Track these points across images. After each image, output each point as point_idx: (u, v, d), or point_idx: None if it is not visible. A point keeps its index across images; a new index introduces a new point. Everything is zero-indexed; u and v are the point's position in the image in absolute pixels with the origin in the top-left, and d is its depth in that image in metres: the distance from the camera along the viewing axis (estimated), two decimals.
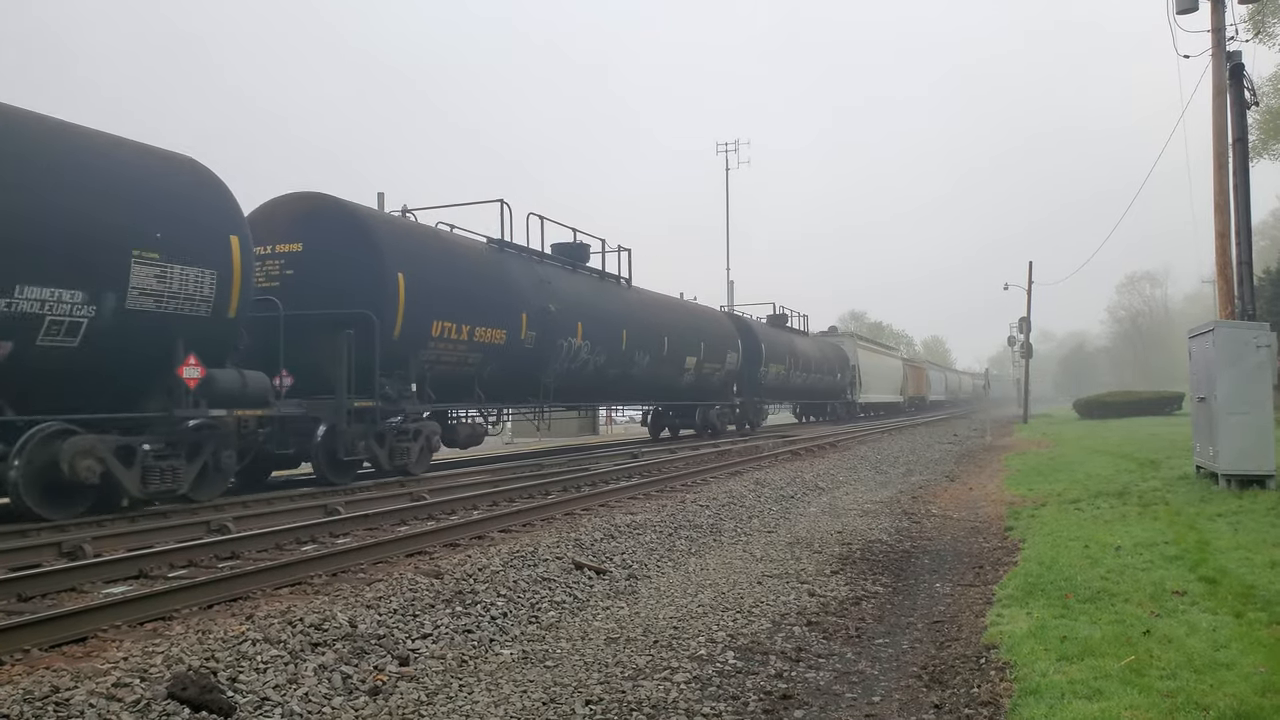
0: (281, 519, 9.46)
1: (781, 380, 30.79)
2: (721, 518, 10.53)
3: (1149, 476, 13.48)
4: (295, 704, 4.31)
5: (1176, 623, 5.38)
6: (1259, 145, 29.95)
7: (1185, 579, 6.50)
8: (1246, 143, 15.91)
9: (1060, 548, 8.05)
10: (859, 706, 4.57)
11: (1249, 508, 9.48)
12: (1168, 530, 8.57)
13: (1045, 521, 9.83)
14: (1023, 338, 47.37)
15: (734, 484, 13.43)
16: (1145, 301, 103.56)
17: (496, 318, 15.08)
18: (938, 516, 11.30)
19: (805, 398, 37.08)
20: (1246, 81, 15.30)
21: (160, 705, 4.03)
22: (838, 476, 15.75)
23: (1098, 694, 4.22)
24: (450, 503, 10.72)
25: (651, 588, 7.16)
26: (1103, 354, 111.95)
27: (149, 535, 8.30)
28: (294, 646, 4.96)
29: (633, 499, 11.68)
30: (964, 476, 16.74)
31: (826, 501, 12.64)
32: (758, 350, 28.27)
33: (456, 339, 14.07)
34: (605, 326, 18.75)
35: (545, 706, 4.43)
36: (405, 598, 6.05)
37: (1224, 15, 14.73)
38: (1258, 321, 13.15)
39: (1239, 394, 10.81)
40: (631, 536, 8.90)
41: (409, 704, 4.45)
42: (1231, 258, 14.70)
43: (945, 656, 5.36)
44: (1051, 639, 5.16)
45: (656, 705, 4.47)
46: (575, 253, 19.14)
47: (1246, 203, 14.96)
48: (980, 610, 6.35)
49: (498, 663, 5.20)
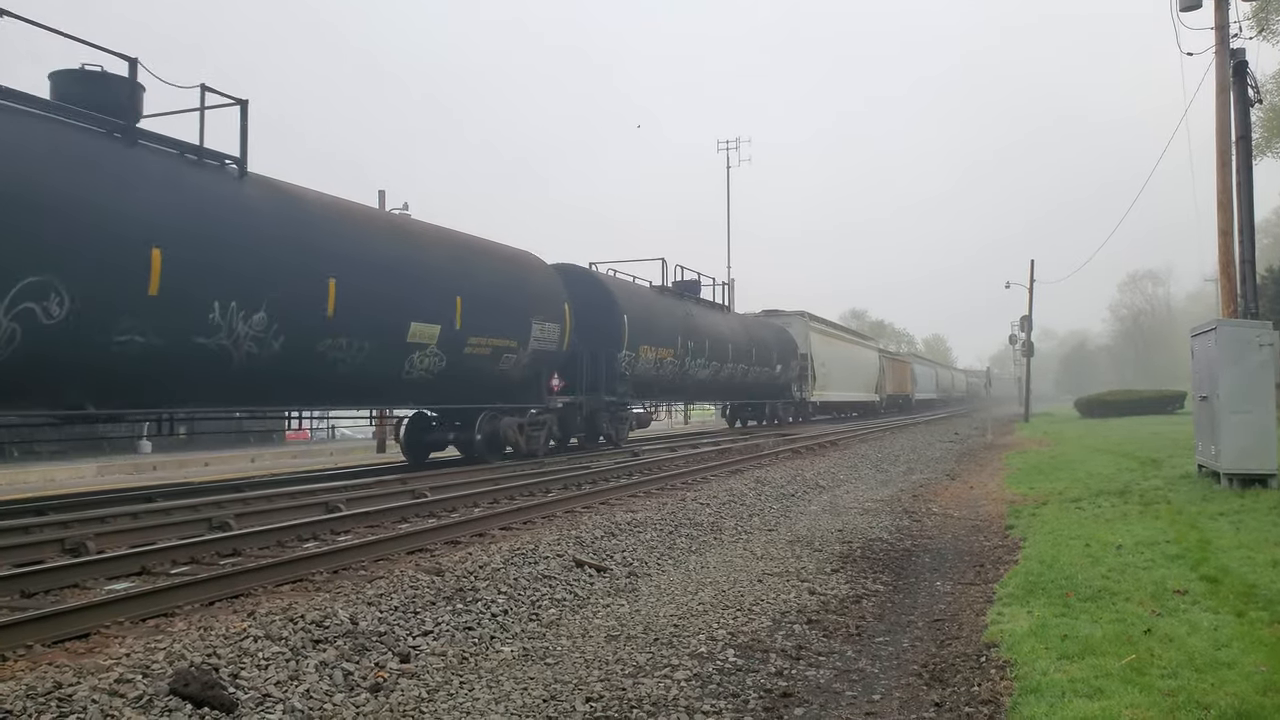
0: (282, 516, 9.47)
1: (672, 371, 21.73)
2: (722, 516, 10.54)
3: (1150, 475, 13.47)
4: (297, 700, 4.32)
5: (1178, 622, 5.38)
6: (1262, 143, 29.89)
7: (1186, 578, 6.50)
8: (1250, 140, 15.87)
9: (1061, 546, 8.05)
10: (859, 704, 4.57)
11: (1251, 507, 9.48)
12: (1169, 529, 8.57)
13: (1046, 520, 9.82)
14: (1024, 336, 47.35)
15: (734, 482, 13.44)
16: (1147, 300, 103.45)
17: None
18: (938, 515, 11.30)
19: (725, 395, 28.28)
20: (1250, 79, 15.26)
21: (162, 701, 4.04)
22: (838, 475, 15.75)
23: (1098, 693, 4.23)
24: (451, 500, 10.73)
25: (652, 585, 7.16)
26: (1104, 352, 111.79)
27: (151, 532, 8.32)
28: (295, 643, 4.97)
29: (633, 497, 11.69)
30: (965, 475, 16.74)
31: (827, 500, 12.64)
32: (613, 324, 19.01)
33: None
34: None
35: (546, 703, 4.44)
36: (406, 595, 6.06)
37: (1227, 13, 14.69)
38: (1260, 320, 13.12)
39: (1241, 393, 10.80)
40: (632, 534, 8.91)
41: (410, 701, 4.46)
42: (1234, 256, 14.67)
43: (946, 655, 5.36)
44: (1052, 637, 5.16)
45: (657, 703, 4.47)
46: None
47: (1250, 201, 14.92)
48: (981, 609, 6.35)
49: (498, 660, 5.21)
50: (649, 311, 20.79)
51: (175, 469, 18.96)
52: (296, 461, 20.39)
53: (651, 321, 20.67)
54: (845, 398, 41.29)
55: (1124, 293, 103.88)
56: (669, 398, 24.94)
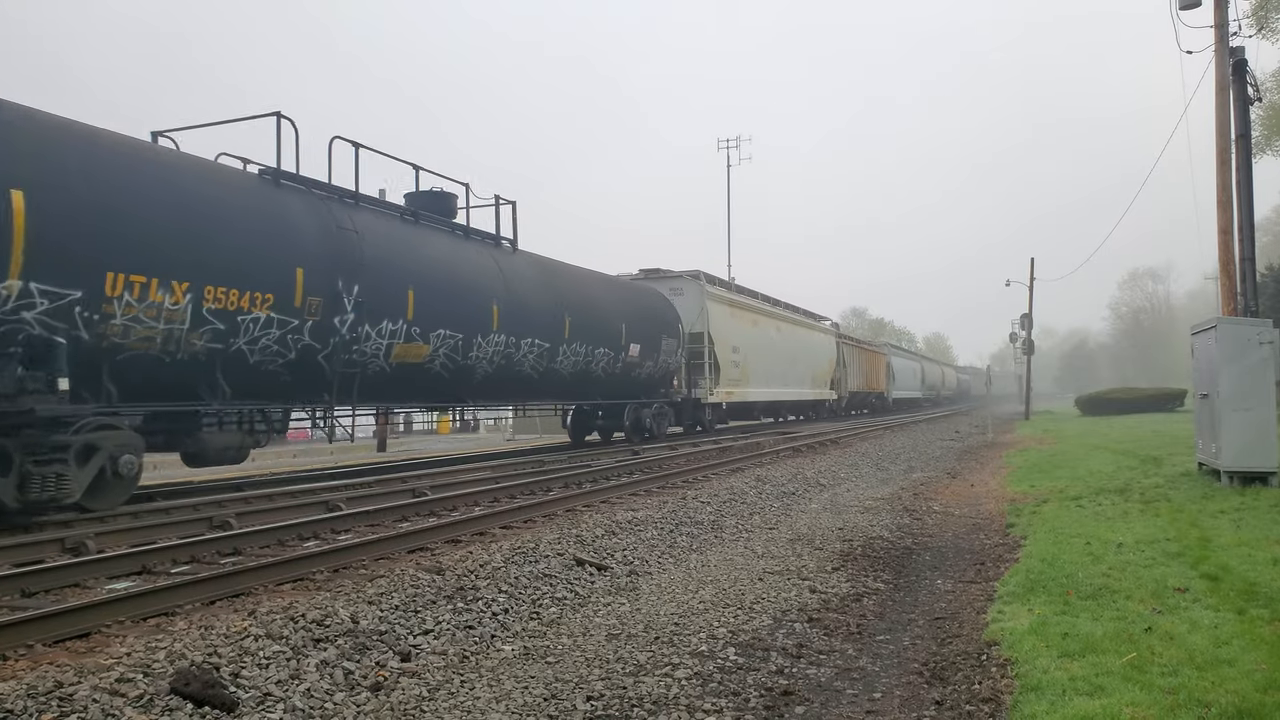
0: (283, 515, 9.48)
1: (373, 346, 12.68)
2: (723, 514, 10.54)
3: (1151, 473, 13.47)
4: (297, 700, 4.32)
5: (1178, 620, 5.38)
6: (1262, 141, 29.84)
7: (1187, 576, 6.49)
8: (1250, 139, 15.86)
9: (1062, 544, 8.04)
10: (860, 703, 4.57)
11: (1251, 504, 9.48)
12: (1169, 527, 8.56)
13: (1047, 518, 9.82)
14: (1024, 334, 47.35)
15: (735, 480, 13.44)
16: (1148, 298, 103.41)
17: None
18: (939, 513, 11.30)
19: (518, 395, 17.61)
20: (1249, 77, 15.25)
21: (163, 701, 4.04)
22: (839, 473, 15.75)
23: (1099, 690, 4.22)
24: (451, 499, 10.73)
25: (653, 584, 7.16)
26: (1105, 350, 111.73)
27: (152, 531, 8.32)
28: (296, 642, 4.97)
29: (634, 495, 11.70)
30: (965, 473, 16.74)
31: (828, 498, 12.64)
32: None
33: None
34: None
35: (546, 702, 4.44)
36: (407, 594, 6.06)
37: (1227, 11, 14.68)
38: (1260, 318, 13.11)
39: (1241, 390, 10.79)
40: (633, 533, 8.91)
41: (410, 700, 4.46)
42: (1234, 254, 14.66)
43: (946, 653, 5.36)
44: (1053, 636, 5.16)
45: (657, 701, 4.47)
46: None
47: (1249, 199, 14.92)
48: (981, 607, 6.35)
49: (499, 658, 5.21)
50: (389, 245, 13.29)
51: (175, 467, 18.94)
52: (296, 461, 20.34)
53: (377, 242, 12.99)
54: (777, 396, 30.54)
55: (1124, 290, 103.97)
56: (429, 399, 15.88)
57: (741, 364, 26.97)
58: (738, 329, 27.07)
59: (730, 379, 25.85)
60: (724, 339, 25.54)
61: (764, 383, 29.07)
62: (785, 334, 32.32)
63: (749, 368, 27.63)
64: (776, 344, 30.95)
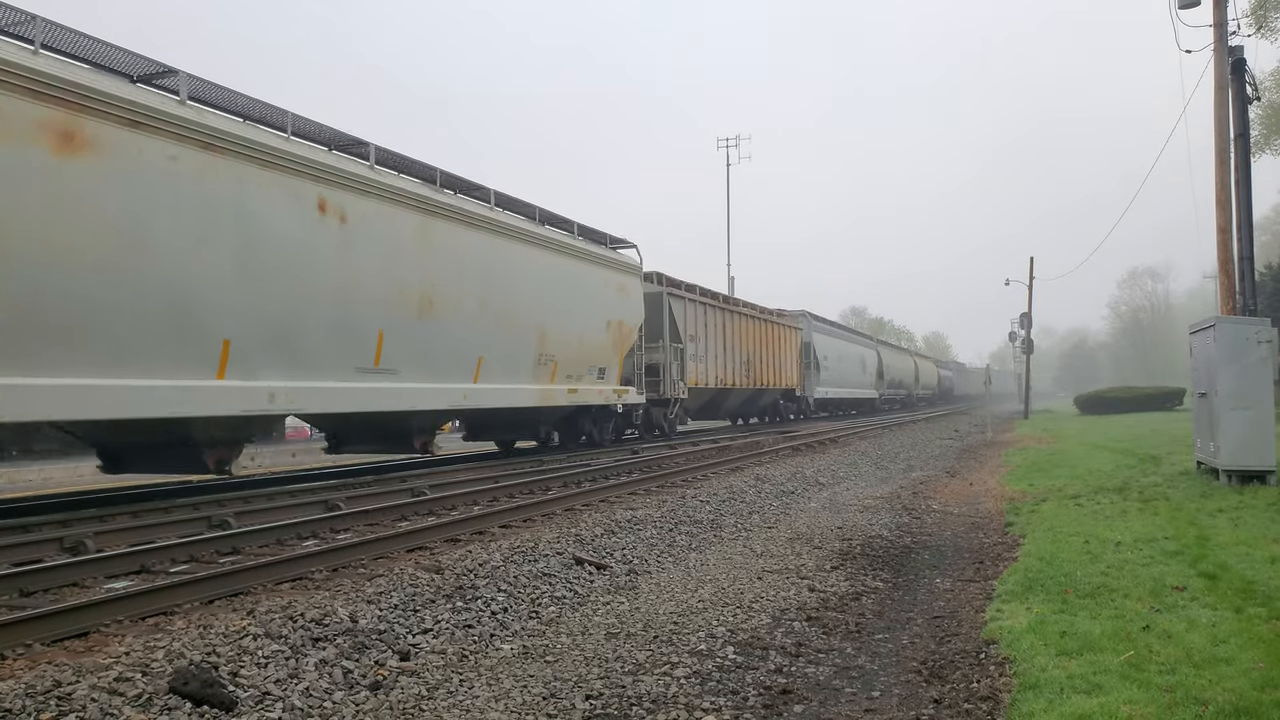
0: (282, 514, 9.48)
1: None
2: (722, 513, 10.54)
3: (1149, 472, 13.48)
4: (296, 699, 4.32)
5: (1176, 618, 5.39)
6: (1261, 140, 29.83)
7: (1185, 574, 6.50)
8: (1248, 138, 15.88)
9: (1060, 543, 8.05)
10: (858, 701, 4.58)
11: (1249, 503, 9.49)
12: (1168, 526, 8.57)
13: (1045, 517, 9.83)
14: (1024, 333, 47.39)
15: (734, 479, 13.45)
16: (1147, 297, 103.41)
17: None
18: (938, 512, 11.31)
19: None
20: (1248, 76, 15.26)
21: (162, 700, 4.04)
22: (838, 472, 15.76)
23: (1097, 689, 4.23)
24: (450, 498, 10.73)
25: (652, 583, 7.17)
26: (1104, 349, 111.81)
27: (150, 530, 8.32)
28: (295, 641, 4.97)
29: (633, 494, 11.70)
30: (964, 472, 16.75)
31: (827, 497, 12.65)
32: None
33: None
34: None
35: (545, 701, 4.44)
36: (406, 593, 6.07)
37: (1226, 10, 14.68)
38: (1259, 317, 13.12)
39: (1240, 389, 10.80)
40: (632, 532, 8.91)
41: (410, 699, 4.46)
42: (1233, 253, 14.67)
43: (945, 652, 5.36)
44: (1051, 634, 5.17)
45: (656, 700, 4.48)
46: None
47: (1248, 198, 14.93)
48: (980, 605, 6.35)
49: (498, 658, 5.21)
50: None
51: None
52: (295, 460, 20.33)
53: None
54: (599, 393, 17.61)
55: (1123, 290, 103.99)
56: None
57: (556, 344, 15.93)
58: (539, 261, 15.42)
59: (489, 373, 14.12)
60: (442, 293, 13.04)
61: (571, 372, 16.64)
62: (624, 294, 18.70)
63: (558, 353, 16.05)
64: (586, 307, 17.22)
